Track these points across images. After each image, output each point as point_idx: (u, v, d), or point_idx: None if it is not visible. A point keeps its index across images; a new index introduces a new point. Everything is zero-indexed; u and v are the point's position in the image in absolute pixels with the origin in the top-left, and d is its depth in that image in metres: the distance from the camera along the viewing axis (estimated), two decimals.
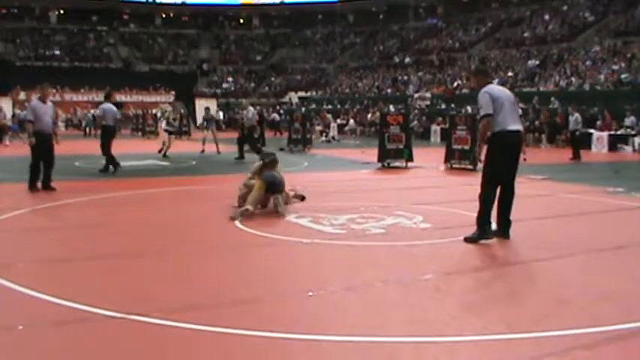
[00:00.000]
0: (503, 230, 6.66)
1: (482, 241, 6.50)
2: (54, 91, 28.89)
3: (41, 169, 10.52)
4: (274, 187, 8.32)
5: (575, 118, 19.03)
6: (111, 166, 13.45)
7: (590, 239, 6.95)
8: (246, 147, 17.63)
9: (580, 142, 18.98)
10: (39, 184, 10.48)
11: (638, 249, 6.50)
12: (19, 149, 20.81)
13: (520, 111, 7.23)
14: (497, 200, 6.63)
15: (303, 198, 9.25)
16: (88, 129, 33.34)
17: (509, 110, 6.57)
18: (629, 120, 23.55)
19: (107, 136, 13.53)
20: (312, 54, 56.65)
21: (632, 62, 29.28)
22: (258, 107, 29.00)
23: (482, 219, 6.53)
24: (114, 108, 13.89)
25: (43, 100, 10.73)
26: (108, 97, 14.39)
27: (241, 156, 17.53)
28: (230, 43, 59.21)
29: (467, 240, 6.52)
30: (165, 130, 19.02)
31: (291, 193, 9.12)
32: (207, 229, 7.55)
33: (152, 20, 59.01)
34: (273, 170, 8.62)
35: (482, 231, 6.52)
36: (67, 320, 4.14)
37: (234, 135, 19.70)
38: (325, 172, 12.88)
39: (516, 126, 6.62)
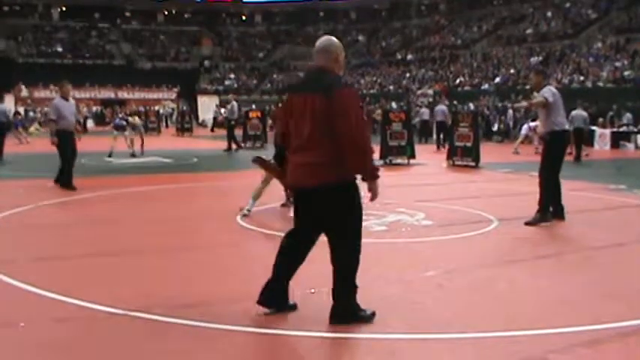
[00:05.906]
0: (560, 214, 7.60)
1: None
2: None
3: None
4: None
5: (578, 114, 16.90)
6: None
7: (592, 236, 6.94)
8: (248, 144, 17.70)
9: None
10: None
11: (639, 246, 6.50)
12: (17, 147, 20.86)
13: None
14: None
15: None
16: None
17: (564, 113, 7.74)
18: (626, 117, 23.48)
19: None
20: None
21: (635, 59, 29.22)
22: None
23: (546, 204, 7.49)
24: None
25: (65, 97, 10.44)
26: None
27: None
28: (232, 40, 59.16)
29: (527, 224, 7.28)
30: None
31: None
32: (208, 226, 7.55)
33: (154, 17, 58.96)
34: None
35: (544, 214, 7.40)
36: (68, 317, 4.15)
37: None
38: None
39: (567, 126, 7.92)
